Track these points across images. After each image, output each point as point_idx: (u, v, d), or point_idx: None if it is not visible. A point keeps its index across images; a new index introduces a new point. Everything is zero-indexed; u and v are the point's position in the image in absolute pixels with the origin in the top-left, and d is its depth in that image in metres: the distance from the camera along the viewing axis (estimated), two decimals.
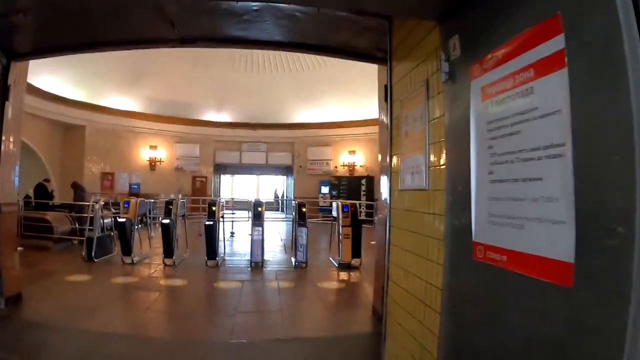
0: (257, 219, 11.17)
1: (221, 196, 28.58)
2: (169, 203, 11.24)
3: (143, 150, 25.81)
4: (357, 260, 11.25)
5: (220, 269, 10.62)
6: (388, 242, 4.94)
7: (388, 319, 4.92)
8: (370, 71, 20.21)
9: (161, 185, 25.26)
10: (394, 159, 4.83)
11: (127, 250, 10.94)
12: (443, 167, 3.57)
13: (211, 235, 10.70)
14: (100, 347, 5.37)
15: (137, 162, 25.52)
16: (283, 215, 28.78)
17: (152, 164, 25.86)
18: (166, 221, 10.84)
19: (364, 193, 25.20)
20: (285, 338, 6.01)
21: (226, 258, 11.99)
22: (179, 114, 25.85)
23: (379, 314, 6.70)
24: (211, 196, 26.40)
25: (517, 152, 2.52)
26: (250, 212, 16.04)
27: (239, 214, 21.61)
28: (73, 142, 23.14)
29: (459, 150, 3.21)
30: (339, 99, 25.19)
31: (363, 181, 25.45)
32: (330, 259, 12.14)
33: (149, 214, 14.95)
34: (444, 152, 3.55)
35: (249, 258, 11.15)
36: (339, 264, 11.12)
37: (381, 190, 6.68)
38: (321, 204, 25.43)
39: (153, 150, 25.95)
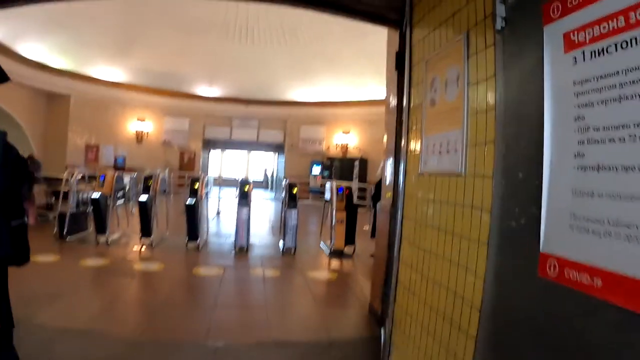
0: (243, 199, 10.21)
1: (209, 173, 27.69)
2: (147, 178, 10.26)
3: (130, 122, 24.83)
4: (351, 247, 10.36)
5: (201, 252, 9.71)
6: (398, 236, 4.04)
7: (395, 331, 4.02)
8: (369, 50, 19.46)
9: (148, 159, 24.25)
10: (412, 134, 3.91)
11: (101, 228, 9.98)
12: (491, 145, 2.64)
13: (192, 215, 9.75)
14: (49, 346, 4.45)
15: (123, 134, 24.55)
16: (272, 195, 27.97)
17: (139, 137, 24.88)
18: (143, 198, 9.89)
19: (357, 175, 24.19)
20: (268, 341, 5.10)
21: (209, 240, 11.08)
22: (168, 87, 24.75)
23: (377, 313, 5.84)
24: (199, 172, 25.48)
25: (633, 126, 1.62)
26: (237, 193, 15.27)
27: (228, 191, 20.68)
28: (57, 112, 22.14)
29: (523, 122, 2.29)
30: (335, 78, 24.05)
31: (356, 163, 24.52)
32: (321, 244, 11.26)
33: (131, 189, 13.99)
34: (495, 124, 2.60)
35: (233, 240, 10.24)
36: (331, 250, 10.20)
37: (386, 174, 5.78)
38: (312, 184, 24.59)
39: (140, 123, 24.97)
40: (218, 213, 16.85)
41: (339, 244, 10.19)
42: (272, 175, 32.23)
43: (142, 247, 9.78)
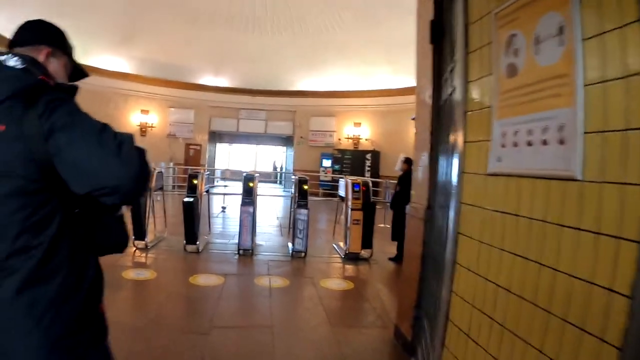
0: (248, 197, 9.13)
1: (216, 166, 26.78)
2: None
3: (133, 114, 23.94)
4: (368, 251, 9.24)
5: (201, 256, 8.64)
6: (450, 259, 2.95)
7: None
8: (380, 39, 18.45)
9: (152, 152, 21.71)
10: (472, 119, 2.81)
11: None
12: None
13: (191, 215, 8.65)
14: None
15: (126, 127, 23.27)
16: (281, 189, 27.01)
17: (143, 129, 23.96)
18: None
19: (369, 169, 23.33)
20: None
21: (211, 241, 10.05)
22: (173, 77, 23.79)
23: (405, 339, 4.80)
24: (205, 166, 24.63)
25: None
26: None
27: (234, 185, 19.59)
28: None
29: None
30: (345, 67, 23.21)
31: (368, 156, 23.60)
32: (334, 246, 10.16)
33: None
34: None
35: (237, 241, 9.21)
36: (346, 254, 9.10)
37: (419, 174, 4.77)
38: (322, 178, 23.65)
39: (144, 115, 24.08)
40: (223, 209, 15.84)
41: (355, 247, 9.04)
42: (281, 168, 31.29)
43: (134, 250, 8.76)
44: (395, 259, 9.07)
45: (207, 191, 10.30)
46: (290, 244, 9.41)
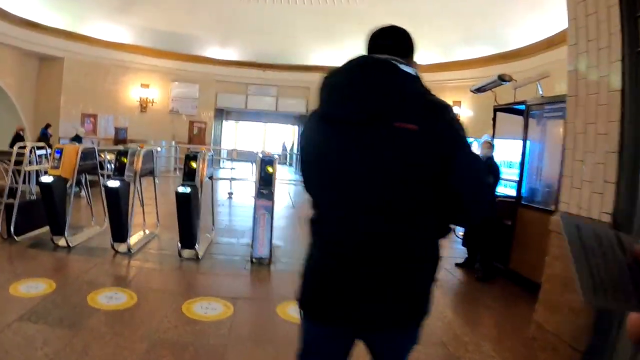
0: (265, 186, 6.92)
1: (222, 145, 24.74)
2: (121, 154, 7.00)
3: (133, 88, 21.96)
4: None
5: (200, 267, 6.51)
6: None
7: None
8: (404, 10, 16.53)
9: (152, 130, 21.36)
10: None
11: (57, 227, 6.81)
12: None
13: (187, 210, 6.51)
14: None
15: (125, 102, 21.72)
16: (292, 171, 24.97)
17: (143, 105, 22.01)
18: (113, 184, 6.68)
19: None
20: None
21: (215, 241, 7.97)
22: (176, 48, 21.73)
23: None
24: (210, 145, 22.69)
25: None
26: (254, 172, 12.22)
27: (241, 167, 17.52)
28: (49, 77, 19.46)
29: None
30: (362, 41, 20.56)
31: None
32: None
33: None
34: None
35: (248, 242, 7.18)
36: None
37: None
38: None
39: (144, 90, 22.07)
40: (230, 195, 13.82)
41: None
42: (292, 148, 29.37)
43: (115, 254, 6.67)
44: (466, 265, 7.37)
45: (211, 177, 8.15)
46: None
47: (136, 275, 5.91)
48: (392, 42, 2.14)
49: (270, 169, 6.97)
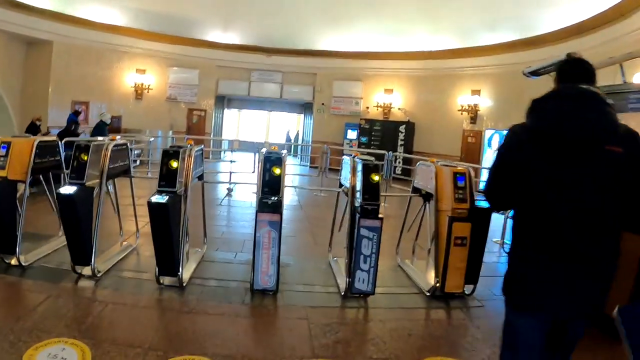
0: (271, 194, 5.38)
1: (223, 135, 23.46)
2: (81, 149, 5.41)
3: (127, 74, 20.73)
4: (470, 286, 5.70)
5: (184, 302, 5.08)
6: None
7: None
8: None
9: (148, 118, 20.29)
10: None
11: (5, 243, 5.46)
12: None
13: (166, 227, 5.06)
14: None
15: (119, 89, 20.50)
16: (298, 163, 23.70)
17: (139, 91, 20.82)
18: (67, 190, 5.21)
19: (402, 142, 20.02)
20: None
21: (207, 257, 6.59)
22: (174, 31, 20.51)
23: None
24: (211, 135, 21.70)
25: None
26: (256, 167, 10.88)
27: (245, 157, 16.09)
28: (37, 62, 18.16)
29: None
30: (375, 25, 19.81)
31: (402, 128, 20.27)
32: (402, 267, 6.75)
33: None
34: None
35: (248, 258, 5.77)
36: (435, 291, 5.59)
37: None
38: (347, 152, 20.31)
39: (140, 75, 20.87)
40: (229, 192, 12.51)
41: (455, 283, 5.48)
42: (296, 138, 28.07)
43: (78, 278, 5.33)
44: None
45: (201, 177, 6.67)
46: (343, 278, 5.72)
47: (97, 316, 4.56)
48: (582, 71, 2.68)
49: (277, 171, 5.42)
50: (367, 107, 21.82)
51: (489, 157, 17.19)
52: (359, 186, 5.30)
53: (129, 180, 6.78)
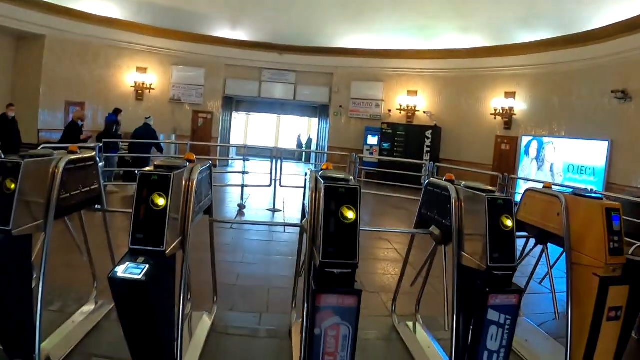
0: (337, 260, 3.11)
1: (232, 140, 22.04)
2: (5, 170, 3.21)
3: (128, 73, 19.39)
4: None
5: None
6: None
7: None
8: None
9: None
10: None
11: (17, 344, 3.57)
12: None
13: (142, 322, 3.03)
14: None
15: (118, 88, 19.16)
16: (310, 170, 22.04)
17: (139, 92, 19.49)
18: None
19: (428, 150, 18.58)
20: None
21: (219, 323, 4.78)
22: (179, 27, 19.24)
23: None
24: (217, 140, 20.45)
25: None
26: (273, 176, 9.49)
27: (256, 165, 14.47)
28: (27, 57, 16.91)
29: None
30: (398, 20, 18.66)
31: (428, 133, 18.81)
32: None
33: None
34: None
35: (278, 320, 4.55)
36: None
37: None
38: (366, 159, 19.42)
39: (141, 74, 19.55)
40: (241, 209, 11.01)
41: None
42: (309, 143, 26.84)
43: None
44: None
45: (208, 210, 4.66)
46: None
47: None
48: None
49: (351, 215, 3.17)
50: (389, 110, 20.45)
51: (526, 166, 15.72)
52: (478, 232, 3.50)
53: (102, 216, 4.72)
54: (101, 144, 10.58)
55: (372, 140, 19.91)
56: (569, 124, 14.97)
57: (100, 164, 4.50)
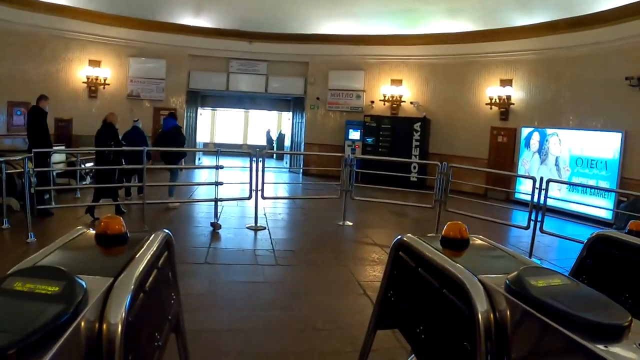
0: None
1: (197, 139, 20.96)
2: None
3: (79, 67, 18.26)
4: None
5: None
6: None
7: None
8: None
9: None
10: None
11: None
12: None
13: None
14: None
15: (68, 85, 18.03)
16: (283, 168, 21.89)
17: (93, 88, 18.34)
18: None
19: (417, 144, 17.87)
20: None
21: None
22: (136, 14, 18.18)
23: None
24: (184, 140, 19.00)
25: None
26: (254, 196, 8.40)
27: (227, 163, 13.21)
28: None
29: None
30: (380, 4, 17.81)
31: (416, 126, 18.01)
32: None
33: None
34: None
35: None
36: None
37: None
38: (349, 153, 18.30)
39: (94, 68, 18.40)
40: (216, 229, 9.36)
41: None
42: (281, 139, 26.38)
43: None
44: None
45: (177, 326, 2.93)
46: None
47: None
48: None
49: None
50: (372, 102, 19.67)
51: (526, 159, 14.88)
52: None
53: None
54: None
55: (354, 135, 19.15)
56: (576, 113, 14.43)
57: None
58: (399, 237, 2.61)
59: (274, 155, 26.45)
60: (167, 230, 1.97)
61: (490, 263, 2.38)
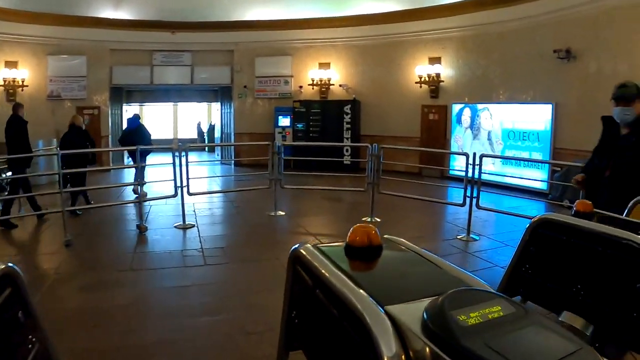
0: None
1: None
2: None
3: None
4: None
5: None
6: None
7: None
8: None
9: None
10: None
11: None
12: None
13: None
14: None
15: None
16: (215, 160, 22.08)
17: (11, 91, 17.63)
18: None
19: (348, 126, 18.15)
20: None
21: None
22: (52, 9, 17.45)
23: None
24: (108, 137, 19.15)
25: None
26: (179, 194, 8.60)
27: (156, 160, 13.04)
28: None
29: None
30: None
31: (346, 108, 18.26)
32: None
33: None
34: None
35: None
36: None
37: None
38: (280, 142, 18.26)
39: (11, 70, 17.70)
40: (142, 231, 9.08)
41: None
42: (212, 130, 25.90)
43: None
44: None
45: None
46: None
47: None
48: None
49: None
50: (300, 87, 19.74)
51: (459, 135, 15.29)
52: None
53: None
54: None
55: (284, 121, 19.25)
56: (506, 88, 14.99)
57: None
58: (297, 246, 2.17)
59: (206, 147, 26.27)
60: (10, 264, 1.52)
61: (406, 282, 1.96)
